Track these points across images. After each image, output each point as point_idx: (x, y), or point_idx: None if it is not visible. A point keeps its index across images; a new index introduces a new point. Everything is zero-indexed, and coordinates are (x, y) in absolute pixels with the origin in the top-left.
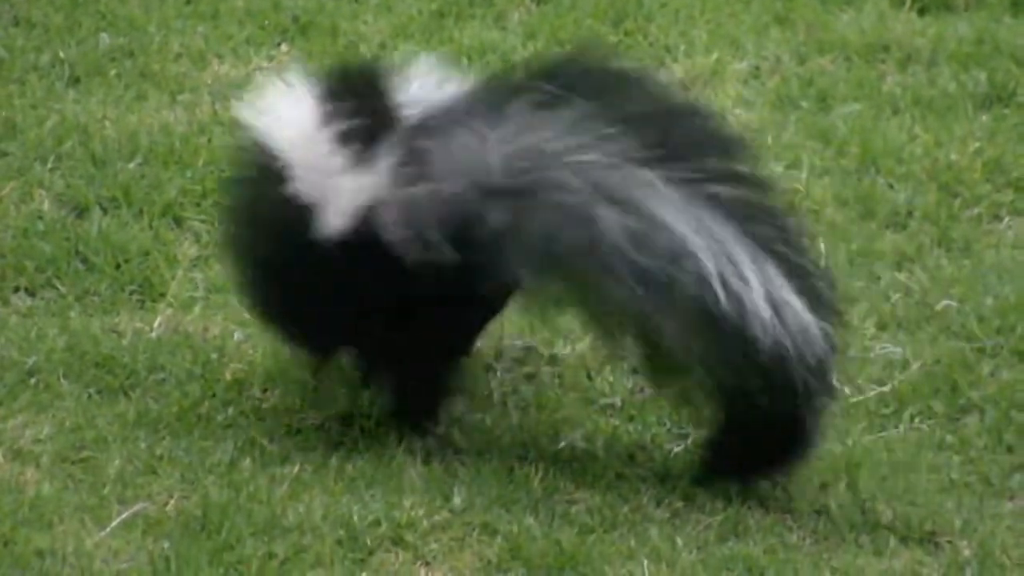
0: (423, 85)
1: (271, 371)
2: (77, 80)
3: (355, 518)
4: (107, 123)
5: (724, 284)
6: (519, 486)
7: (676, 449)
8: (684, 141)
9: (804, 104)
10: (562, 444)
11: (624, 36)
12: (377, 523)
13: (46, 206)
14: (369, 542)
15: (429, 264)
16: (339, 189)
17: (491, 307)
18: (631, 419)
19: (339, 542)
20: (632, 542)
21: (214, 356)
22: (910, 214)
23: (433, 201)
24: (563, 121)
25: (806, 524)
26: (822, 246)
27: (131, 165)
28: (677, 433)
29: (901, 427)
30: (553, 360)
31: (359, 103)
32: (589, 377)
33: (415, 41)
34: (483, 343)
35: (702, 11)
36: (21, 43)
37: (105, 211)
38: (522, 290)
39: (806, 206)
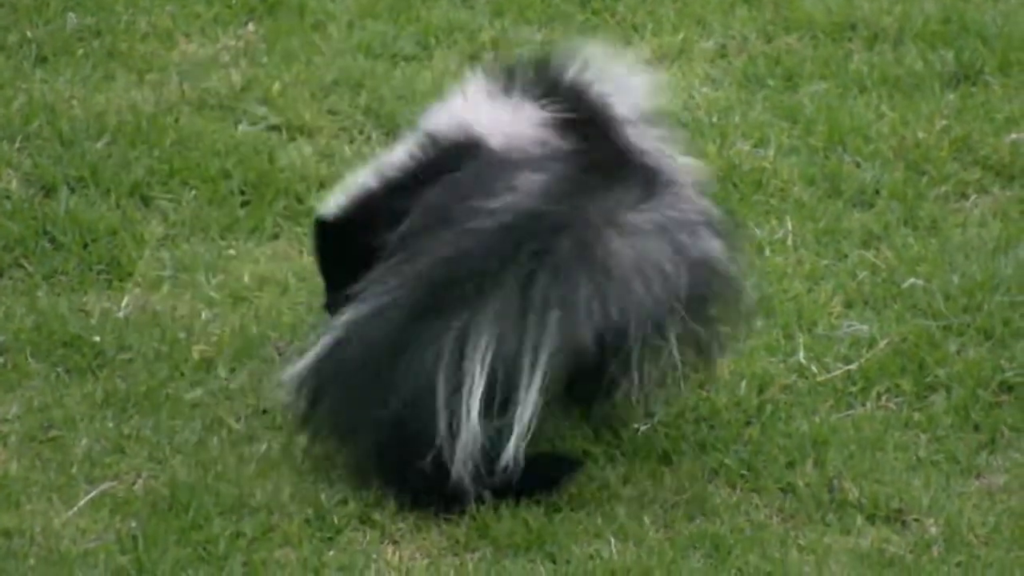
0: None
1: (239, 351)
2: (44, 60)
3: (323, 497)
4: (74, 102)
5: None
6: None
7: (643, 428)
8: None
9: (771, 83)
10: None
11: (591, 15)
12: (345, 502)
13: (13, 185)
14: (337, 521)
15: None
16: None
17: None
18: None
19: (307, 521)
20: (599, 520)
21: (182, 335)
22: (877, 192)
23: None
24: None
25: (773, 502)
26: (789, 224)
27: (98, 144)
28: (644, 412)
29: (868, 405)
30: None
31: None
32: None
33: (383, 20)
34: None
35: None
36: None
37: (73, 190)
38: None
39: (773, 184)
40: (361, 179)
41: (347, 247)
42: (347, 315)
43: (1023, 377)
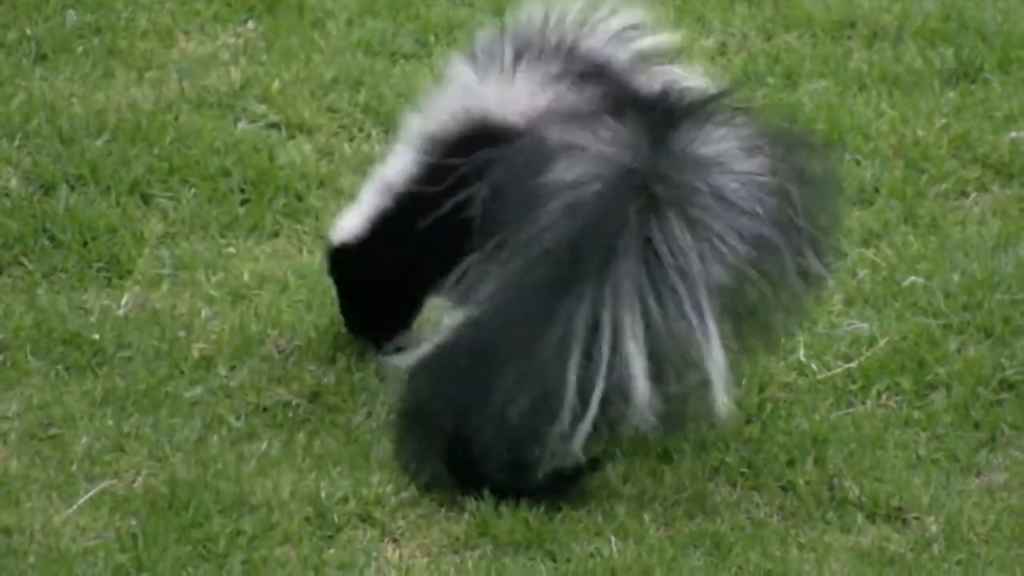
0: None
1: (238, 348)
2: (44, 57)
3: (323, 495)
4: (74, 100)
5: None
6: None
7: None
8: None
9: (771, 80)
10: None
11: None
12: (345, 500)
13: (13, 183)
14: (337, 519)
15: None
16: None
17: None
18: None
19: (307, 519)
20: (599, 519)
21: (181, 334)
22: (877, 190)
23: None
24: None
25: (773, 500)
26: None
27: (98, 142)
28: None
29: (868, 403)
30: None
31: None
32: None
33: (382, 18)
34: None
35: None
36: None
37: (72, 188)
38: None
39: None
40: (369, 197)
41: (367, 269)
42: (462, 307)
43: (1023, 375)
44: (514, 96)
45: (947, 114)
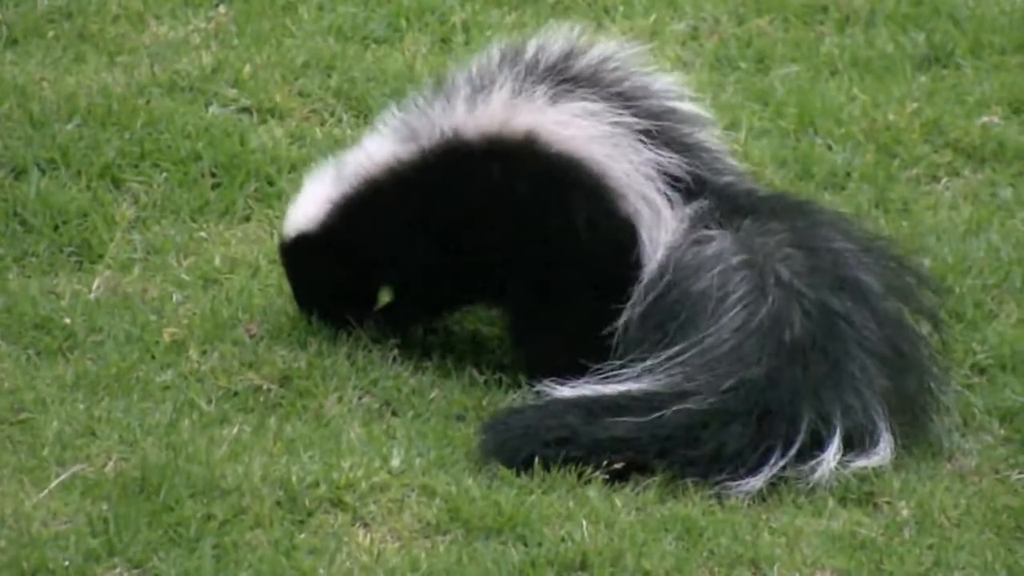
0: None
1: (209, 333)
2: (15, 41)
3: (294, 479)
4: (45, 84)
5: None
6: (458, 447)
7: None
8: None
9: (742, 65)
10: (501, 405)
11: None
12: (316, 484)
13: None
14: (308, 503)
15: None
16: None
17: None
18: None
19: (278, 503)
20: (571, 503)
21: (153, 318)
22: (848, 175)
23: None
24: None
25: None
26: None
27: (69, 126)
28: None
29: None
30: (493, 321)
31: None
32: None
33: (354, 3)
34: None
35: None
36: None
37: (43, 172)
38: None
39: (745, 167)
40: (326, 188)
41: (324, 257)
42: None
43: (995, 360)
44: (491, 114)
45: (919, 99)
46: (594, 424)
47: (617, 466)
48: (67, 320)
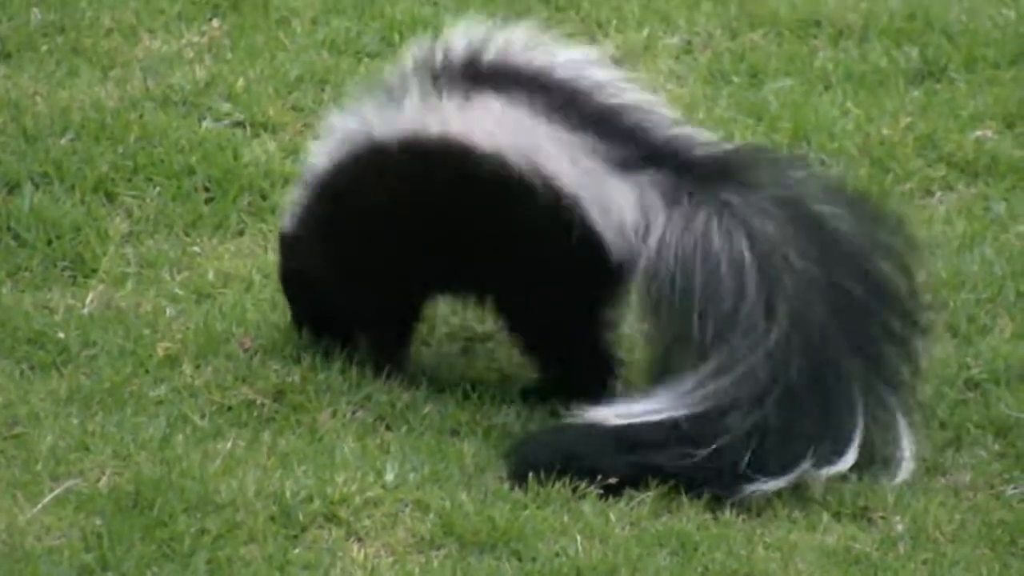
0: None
1: (203, 347)
2: (8, 55)
3: (288, 494)
4: (38, 98)
5: None
6: (452, 462)
7: None
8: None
9: (736, 79)
10: (495, 420)
11: (556, 11)
12: (310, 499)
13: None
14: (302, 518)
15: None
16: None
17: None
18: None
19: (272, 518)
20: (565, 518)
21: (146, 332)
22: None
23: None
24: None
25: (739, 500)
26: None
27: (62, 140)
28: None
29: None
30: (486, 337)
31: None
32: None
33: (347, 16)
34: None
35: None
36: None
37: (37, 186)
38: None
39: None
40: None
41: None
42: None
43: (989, 374)
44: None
45: (912, 113)
46: (634, 455)
47: (612, 480)
48: (60, 334)
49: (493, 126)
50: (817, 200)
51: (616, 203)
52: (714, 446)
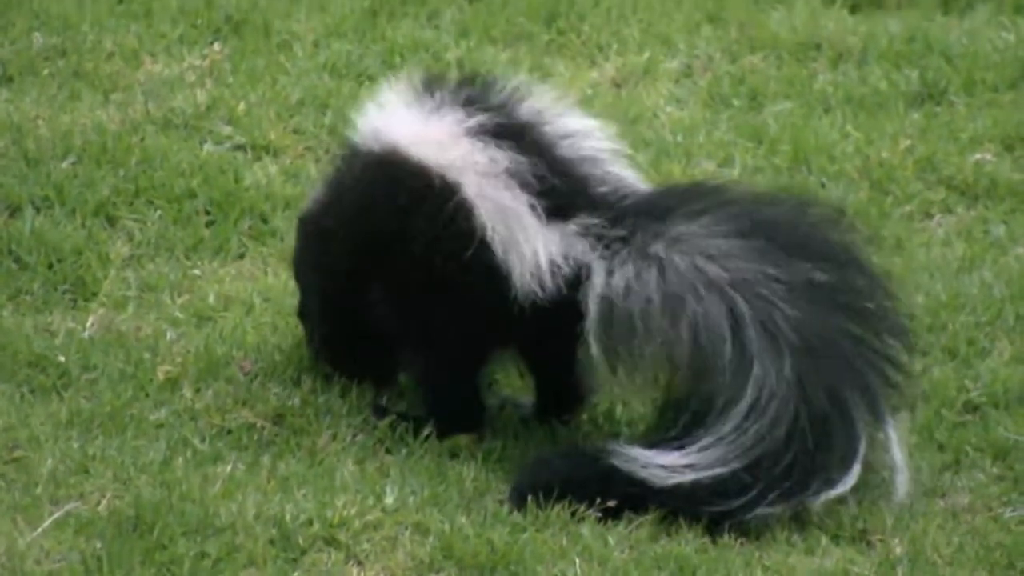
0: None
1: (203, 371)
2: (10, 79)
3: (287, 517)
4: (40, 122)
5: None
6: (451, 485)
7: None
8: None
9: (736, 102)
10: (494, 444)
11: (557, 35)
12: (309, 522)
13: None
14: (301, 541)
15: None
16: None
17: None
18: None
19: (272, 541)
20: (564, 541)
21: (147, 356)
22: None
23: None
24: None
25: (738, 523)
26: None
27: (64, 164)
28: (608, 433)
29: None
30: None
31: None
32: (521, 376)
33: (348, 40)
34: None
35: (634, 9)
36: None
37: (38, 210)
38: None
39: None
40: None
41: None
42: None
43: (987, 397)
44: (429, 135)
45: (912, 136)
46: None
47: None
48: (61, 358)
49: (437, 140)
50: (765, 208)
51: (533, 247)
52: (719, 476)
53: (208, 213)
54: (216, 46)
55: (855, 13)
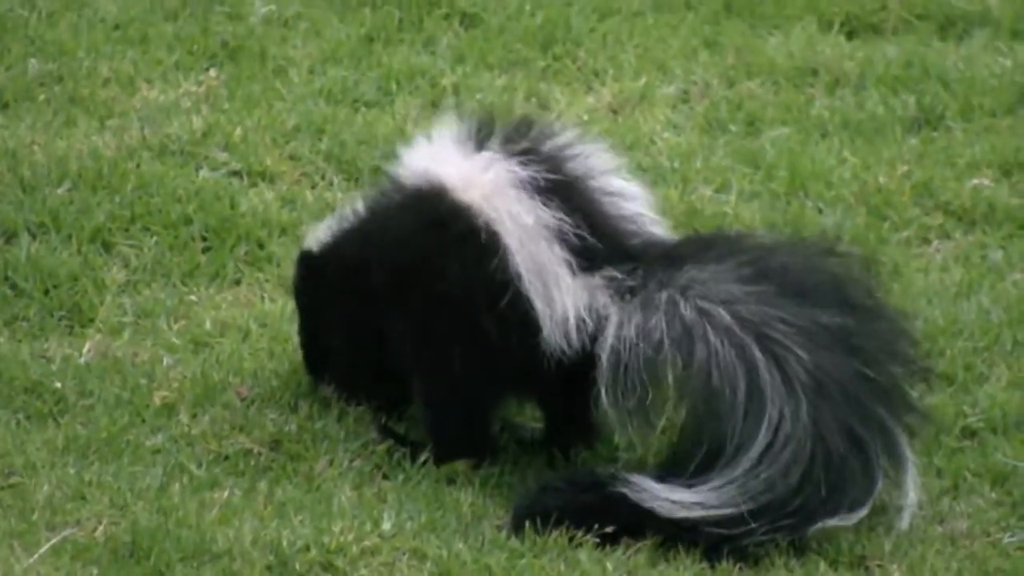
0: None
1: (200, 396)
2: (6, 105)
3: (284, 543)
4: (36, 148)
5: None
6: (449, 510)
7: None
8: None
9: (733, 128)
10: (492, 469)
11: (553, 60)
12: (306, 548)
13: None
14: (299, 567)
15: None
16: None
17: None
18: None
19: (268, 567)
20: (562, 566)
21: (143, 381)
22: (839, 238)
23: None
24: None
25: (737, 548)
26: None
27: (60, 190)
28: (607, 457)
29: None
30: None
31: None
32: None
33: (344, 66)
34: None
35: (630, 35)
36: None
37: (34, 236)
38: None
39: (735, 229)
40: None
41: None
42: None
43: (985, 423)
44: (478, 181)
45: (909, 161)
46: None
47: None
48: (57, 384)
49: (479, 180)
50: (780, 253)
51: (564, 303)
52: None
53: (204, 239)
54: (212, 72)
55: (852, 39)
